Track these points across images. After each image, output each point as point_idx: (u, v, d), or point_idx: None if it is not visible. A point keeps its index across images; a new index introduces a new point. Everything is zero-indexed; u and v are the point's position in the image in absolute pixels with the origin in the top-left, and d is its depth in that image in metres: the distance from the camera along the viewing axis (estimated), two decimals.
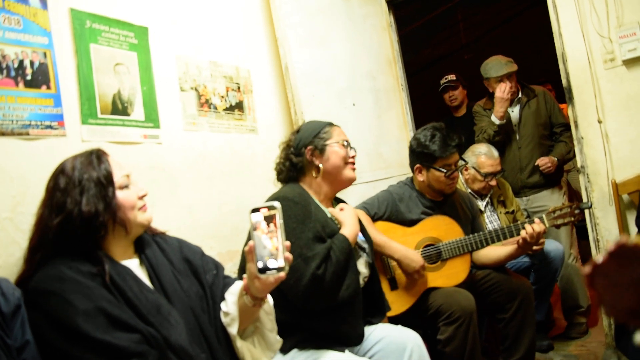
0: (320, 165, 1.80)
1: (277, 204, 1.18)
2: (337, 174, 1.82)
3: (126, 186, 1.32)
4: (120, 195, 1.29)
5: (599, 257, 0.57)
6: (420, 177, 2.33)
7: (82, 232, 1.22)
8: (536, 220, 2.16)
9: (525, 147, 3.16)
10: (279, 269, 1.18)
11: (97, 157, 1.31)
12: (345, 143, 1.84)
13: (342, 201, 1.99)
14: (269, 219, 1.18)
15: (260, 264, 1.19)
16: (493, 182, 2.76)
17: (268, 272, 1.19)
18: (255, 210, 1.19)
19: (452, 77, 3.83)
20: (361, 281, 1.79)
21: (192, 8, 2.20)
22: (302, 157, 1.82)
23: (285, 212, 1.61)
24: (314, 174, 1.81)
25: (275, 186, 2.45)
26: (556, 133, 3.20)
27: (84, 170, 1.27)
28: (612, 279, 0.56)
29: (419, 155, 2.31)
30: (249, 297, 1.30)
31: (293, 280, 1.57)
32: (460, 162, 2.39)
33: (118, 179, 1.30)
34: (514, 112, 3.22)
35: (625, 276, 0.56)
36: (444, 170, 2.24)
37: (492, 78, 3.20)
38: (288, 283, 1.56)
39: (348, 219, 1.78)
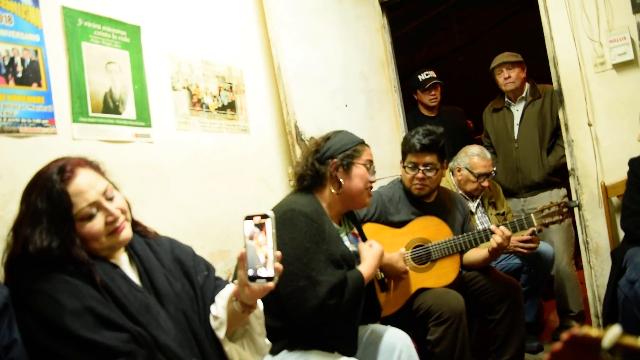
0: (342, 181, 1.75)
1: (270, 213, 1.18)
2: (354, 197, 1.79)
3: (90, 217, 1.21)
4: (81, 229, 1.21)
5: (555, 345, 0.63)
6: (400, 171, 2.36)
7: (39, 262, 1.17)
8: (492, 228, 2.16)
9: (523, 148, 3.12)
10: (268, 279, 1.18)
11: (61, 180, 1.19)
12: (371, 167, 1.81)
13: (356, 218, 1.98)
14: (262, 227, 1.18)
15: (250, 272, 1.19)
16: (485, 183, 2.78)
17: (258, 280, 1.19)
18: (249, 217, 1.19)
19: (432, 73, 3.67)
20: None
21: (185, 7, 2.20)
22: (325, 167, 1.76)
23: (300, 229, 1.60)
24: (332, 189, 1.76)
25: (266, 187, 2.46)
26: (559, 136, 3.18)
27: (40, 198, 1.18)
28: None
29: (401, 150, 2.35)
30: (238, 304, 1.29)
31: (297, 301, 1.55)
32: (430, 166, 2.25)
33: (80, 210, 1.20)
34: (518, 111, 3.19)
35: None
36: (409, 166, 2.26)
37: (494, 69, 3.22)
38: (292, 302, 1.55)
39: (370, 258, 1.76)
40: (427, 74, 3.65)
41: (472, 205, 2.82)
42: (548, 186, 3.11)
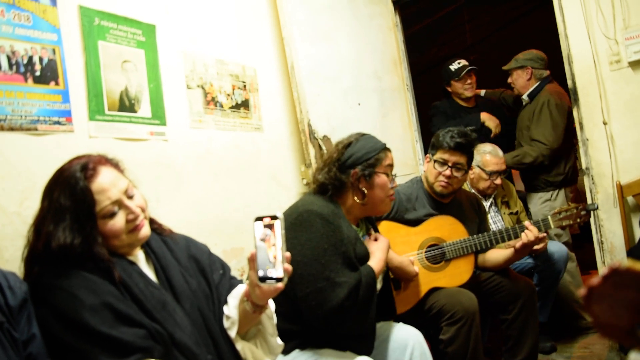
0: (365, 191, 1.73)
1: (279, 214, 1.19)
2: (375, 205, 1.77)
3: (111, 215, 1.23)
4: (103, 227, 1.22)
5: (593, 280, 0.59)
6: (424, 167, 2.37)
7: (59, 258, 1.18)
8: (526, 224, 2.15)
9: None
10: (278, 280, 1.19)
11: (84, 178, 1.20)
12: (392, 174, 1.79)
13: (372, 220, 1.97)
14: (271, 228, 1.19)
15: (260, 273, 1.20)
16: (498, 181, 2.77)
17: (268, 281, 1.20)
18: (259, 219, 1.21)
19: (464, 61, 3.47)
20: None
21: (199, 6, 2.21)
22: (346, 176, 1.73)
23: (317, 230, 1.58)
24: (356, 199, 1.74)
25: (279, 185, 2.47)
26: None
27: (64, 195, 1.19)
28: (607, 302, 0.59)
29: (431, 145, 2.35)
30: (249, 304, 1.30)
31: (315, 302, 1.53)
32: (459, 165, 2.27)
33: (102, 208, 1.21)
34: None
35: (619, 299, 0.58)
36: (439, 161, 2.25)
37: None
38: (309, 303, 1.54)
39: (378, 251, 1.75)
40: (458, 63, 3.47)
41: (485, 205, 2.80)
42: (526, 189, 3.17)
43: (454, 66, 3.48)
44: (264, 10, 2.58)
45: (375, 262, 1.70)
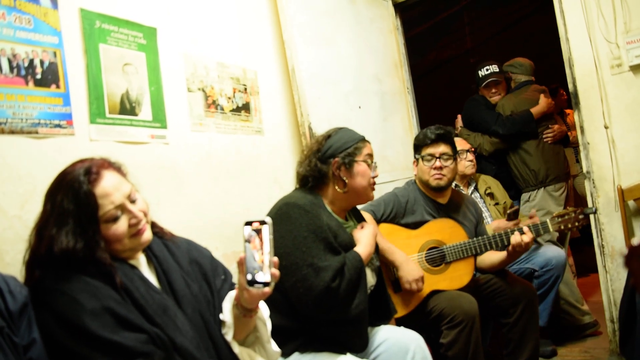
0: (346, 180, 1.75)
1: (268, 219, 1.20)
2: (359, 193, 1.79)
3: (114, 219, 1.23)
4: (105, 231, 1.22)
5: (635, 240, 0.63)
6: (415, 171, 2.41)
7: (61, 262, 1.18)
8: (524, 229, 2.16)
9: None
10: (265, 284, 1.20)
11: (88, 182, 1.20)
12: (373, 163, 1.82)
13: (360, 214, 1.98)
14: (259, 233, 1.20)
15: (249, 277, 1.21)
16: (470, 157, 2.91)
17: (256, 285, 1.21)
18: (248, 223, 1.22)
19: (494, 67, 3.41)
20: (367, 290, 1.78)
21: (200, 9, 2.21)
22: (327, 167, 1.77)
23: (295, 220, 1.61)
24: (337, 188, 1.76)
25: (279, 188, 2.46)
26: None
27: (67, 199, 1.19)
28: None
29: (414, 148, 2.41)
30: (239, 308, 1.31)
31: (302, 289, 1.55)
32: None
33: (106, 212, 1.21)
34: None
35: None
36: (427, 157, 2.31)
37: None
38: (297, 292, 1.56)
39: (364, 238, 1.77)
40: (487, 69, 3.42)
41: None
42: None
43: (482, 72, 3.47)
44: (265, 13, 2.58)
45: (362, 248, 1.72)
